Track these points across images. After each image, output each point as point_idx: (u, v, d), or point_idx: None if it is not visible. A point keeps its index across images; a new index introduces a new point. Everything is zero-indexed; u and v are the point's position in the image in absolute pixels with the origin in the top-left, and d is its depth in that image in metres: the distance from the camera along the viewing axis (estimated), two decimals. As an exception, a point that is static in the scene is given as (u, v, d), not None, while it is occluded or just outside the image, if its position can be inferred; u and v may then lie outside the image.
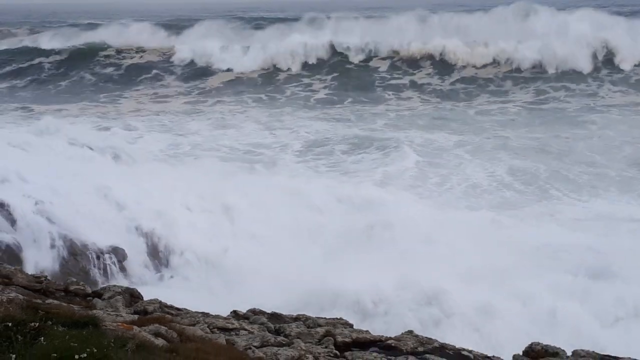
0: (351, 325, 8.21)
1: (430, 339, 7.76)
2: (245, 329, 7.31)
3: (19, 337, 4.59)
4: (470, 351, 7.65)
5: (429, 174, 23.86)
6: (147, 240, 15.24)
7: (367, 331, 7.88)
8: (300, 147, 28.03)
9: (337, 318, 8.28)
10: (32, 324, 4.72)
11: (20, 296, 7.04)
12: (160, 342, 5.70)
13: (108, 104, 40.04)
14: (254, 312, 8.46)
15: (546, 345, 7.66)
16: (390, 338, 7.60)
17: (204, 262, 15.28)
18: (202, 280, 14.66)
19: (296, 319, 8.35)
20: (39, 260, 13.39)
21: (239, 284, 14.41)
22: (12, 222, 13.71)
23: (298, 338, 7.24)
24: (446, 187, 22.56)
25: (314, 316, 8.44)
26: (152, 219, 15.87)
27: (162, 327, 6.20)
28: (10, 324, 4.70)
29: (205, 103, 39.89)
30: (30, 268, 12.45)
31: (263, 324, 7.72)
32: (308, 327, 7.74)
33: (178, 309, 8.13)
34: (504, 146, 27.61)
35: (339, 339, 7.41)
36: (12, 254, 13.15)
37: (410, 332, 7.93)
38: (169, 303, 8.38)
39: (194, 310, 8.19)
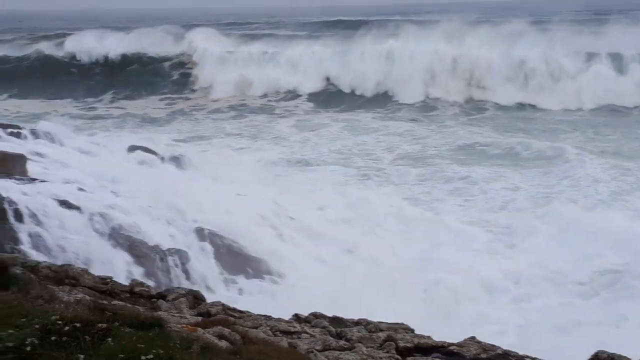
0: (412, 331, 8.16)
1: (493, 345, 7.66)
2: (307, 333, 7.33)
3: (87, 337, 4.66)
4: (534, 358, 7.53)
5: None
6: (210, 244, 15.40)
7: (428, 336, 7.81)
8: (392, 157, 27.14)
9: (398, 323, 8.24)
10: (100, 324, 4.80)
11: (87, 297, 7.19)
12: (223, 344, 5.74)
13: (179, 101, 41.00)
14: (315, 315, 8.46)
15: (612, 354, 7.49)
16: (453, 344, 7.53)
17: (268, 267, 15.39)
18: (266, 285, 14.74)
19: (357, 323, 8.33)
20: (105, 261, 13.64)
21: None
22: (80, 224, 14.03)
23: (359, 342, 7.22)
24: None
25: (375, 320, 8.42)
26: (217, 224, 16.08)
27: (226, 329, 6.25)
28: (78, 325, 4.79)
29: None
30: (96, 269, 12.69)
31: (325, 327, 7.73)
32: (369, 332, 7.71)
33: (240, 312, 8.18)
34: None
35: (401, 344, 7.37)
36: (79, 255, 13.44)
37: (473, 338, 7.85)
38: (231, 305, 8.46)
39: (256, 313, 8.24)
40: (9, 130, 19.32)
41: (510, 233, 18.34)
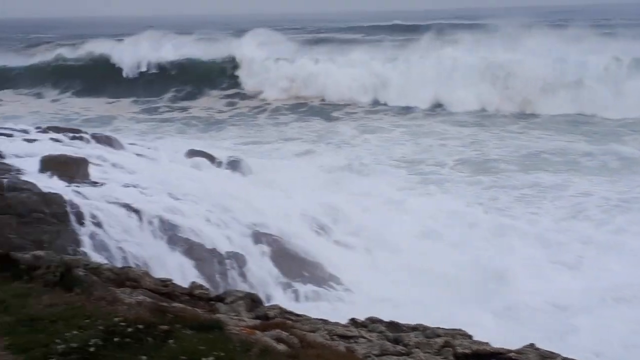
0: (470, 337, 8.10)
1: (552, 352, 7.58)
2: (364, 337, 7.33)
3: (149, 339, 4.75)
4: (596, 366, 7.42)
5: None
6: (267, 247, 15.50)
7: (487, 343, 7.75)
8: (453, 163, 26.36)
9: (456, 329, 8.19)
10: (162, 326, 4.87)
11: (148, 299, 7.31)
12: (282, 347, 5.78)
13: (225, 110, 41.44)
14: (371, 320, 8.46)
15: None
16: (511, 351, 7.46)
17: (325, 272, 15.41)
18: (322, 289, 14.77)
19: (414, 328, 8.30)
20: (163, 264, 13.84)
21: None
22: (139, 227, 14.27)
23: (417, 348, 7.20)
24: None
25: (432, 326, 8.38)
26: (274, 228, 16.18)
27: (284, 332, 6.29)
28: (141, 327, 4.87)
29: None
30: (155, 272, 12.88)
31: (382, 332, 7.72)
32: (427, 337, 7.69)
33: (298, 315, 8.22)
34: None
35: (459, 350, 7.33)
36: (138, 257, 13.67)
37: (532, 345, 7.76)
38: (288, 309, 8.50)
39: (313, 317, 8.27)
40: (72, 134, 19.77)
41: (585, 243, 17.58)
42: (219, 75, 47.71)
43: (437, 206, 20.26)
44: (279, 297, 13.53)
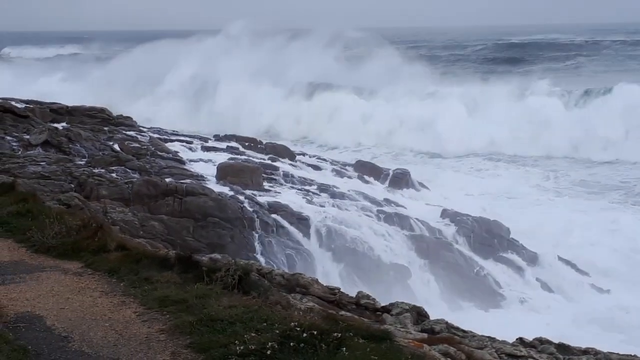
0: (646, 365, 7.77)
1: None
2: (534, 358, 7.19)
3: (323, 345, 4.85)
4: None
5: None
6: (430, 262, 15.47)
7: (663, 372, 7.41)
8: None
9: (631, 355, 7.87)
10: (335, 334, 4.96)
11: (317, 306, 7.48)
12: (449, 362, 5.78)
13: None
14: (540, 341, 8.27)
15: None
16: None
17: (489, 288, 15.20)
18: (484, 305, 14.58)
19: (585, 351, 8.06)
20: (326, 271, 14.14)
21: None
22: (308, 235, 14.66)
23: (589, 372, 7.00)
24: None
25: (604, 351, 8.09)
26: (439, 243, 16.12)
27: (451, 347, 6.27)
28: (315, 333, 4.98)
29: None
30: (321, 279, 13.15)
31: (552, 354, 7.54)
32: (599, 362, 7.45)
33: (464, 331, 8.15)
34: None
35: (634, 377, 7.05)
36: (303, 264, 14.04)
37: None
38: (455, 324, 8.44)
39: (480, 334, 8.17)
40: (247, 143, 20.55)
41: None
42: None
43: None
44: (441, 311, 13.48)
